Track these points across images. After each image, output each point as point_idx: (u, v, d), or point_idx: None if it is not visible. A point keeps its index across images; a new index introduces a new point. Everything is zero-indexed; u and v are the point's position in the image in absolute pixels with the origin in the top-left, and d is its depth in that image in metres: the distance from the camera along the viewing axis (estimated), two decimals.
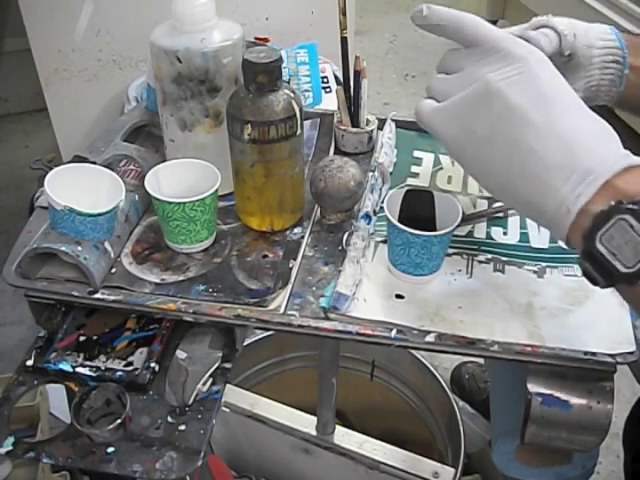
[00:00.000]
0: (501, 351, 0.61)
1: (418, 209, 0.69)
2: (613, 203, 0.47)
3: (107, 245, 0.69)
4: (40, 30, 1.55)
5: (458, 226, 0.65)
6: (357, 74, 0.83)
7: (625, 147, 0.51)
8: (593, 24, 0.68)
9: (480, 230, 0.75)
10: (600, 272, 0.49)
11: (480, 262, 0.70)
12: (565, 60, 0.67)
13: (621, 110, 0.73)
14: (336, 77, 1.43)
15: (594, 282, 0.51)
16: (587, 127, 0.51)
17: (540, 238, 0.73)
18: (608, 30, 0.68)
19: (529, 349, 0.61)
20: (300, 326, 0.64)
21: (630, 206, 0.46)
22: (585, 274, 0.51)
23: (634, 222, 0.46)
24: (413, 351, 1.28)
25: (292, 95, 0.68)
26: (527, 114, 0.51)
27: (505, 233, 0.74)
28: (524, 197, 0.52)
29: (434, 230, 0.66)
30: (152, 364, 0.66)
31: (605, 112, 0.59)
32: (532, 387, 0.62)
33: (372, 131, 0.86)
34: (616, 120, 0.76)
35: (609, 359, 0.60)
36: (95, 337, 0.70)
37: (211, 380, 0.66)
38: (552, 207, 0.50)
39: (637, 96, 0.68)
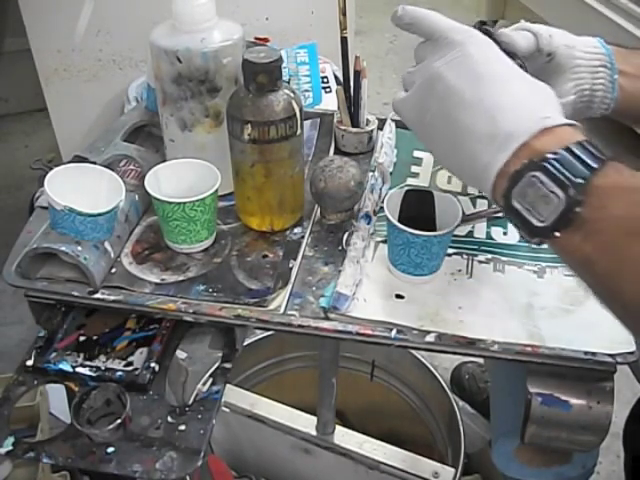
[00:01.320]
0: (501, 351, 0.61)
1: (418, 209, 0.69)
2: (526, 162, 0.49)
3: (107, 245, 0.69)
4: (40, 30, 1.55)
5: (458, 226, 0.65)
6: (357, 74, 0.83)
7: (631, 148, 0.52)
8: (580, 38, 0.69)
9: (480, 230, 0.75)
10: (522, 228, 0.51)
11: (480, 262, 0.70)
12: (547, 60, 0.68)
13: (623, 121, 0.74)
14: (336, 77, 1.43)
15: (525, 239, 0.53)
16: (515, 96, 0.54)
17: None
18: (594, 41, 0.69)
19: (529, 349, 0.61)
20: (300, 326, 0.64)
21: (541, 163, 0.48)
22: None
23: (544, 178, 0.48)
24: (413, 351, 1.28)
25: (292, 95, 0.68)
26: (462, 94, 0.54)
27: (505, 233, 0.74)
28: (461, 168, 0.56)
29: (434, 230, 0.66)
30: (152, 364, 0.66)
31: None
32: (532, 387, 0.62)
33: (372, 131, 0.86)
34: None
35: (609, 359, 0.60)
36: (95, 337, 0.70)
37: (211, 380, 0.66)
38: (478, 173, 0.53)
39: (631, 103, 0.69)
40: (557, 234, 0.48)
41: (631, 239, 0.45)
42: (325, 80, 1.41)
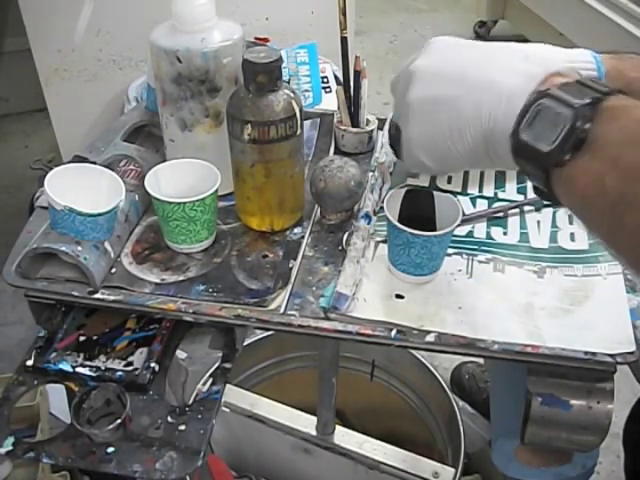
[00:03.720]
0: (501, 351, 0.61)
1: (418, 209, 0.69)
2: (532, 96, 0.49)
3: (107, 245, 0.69)
4: (40, 30, 1.55)
5: (458, 226, 0.65)
6: (357, 74, 0.83)
7: None
8: (572, 50, 0.67)
9: (480, 230, 0.75)
10: (532, 164, 0.50)
11: (480, 262, 0.70)
12: None
13: None
14: (336, 77, 1.43)
15: (541, 194, 0.53)
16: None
17: (540, 238, 0.73)
18: (588, 57, 0.67)
19: (529, 349, 0.61)
20: (300, 326, 0.64)
21: (548, 91, 0.48)
22: (534, 189, 0.54)
23: (550, 103, 0.47)
24: (413, 351, 1.28)
25: (292, 95, 0.68)
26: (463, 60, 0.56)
27: (505, 233, 0.74)
28: (466, 129, 0.55)
29: (434, 230, 0.66)
30: (152, 364, 0.66)
31: None
32: (532, 387, 0.62)
33: (372, 131, 0.86)
34: None
35: (609, 359, 0.60)
36: (95, 337, 0.70)
37: (211, 380, 0.66)
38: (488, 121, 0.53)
39: None
40: (566, 157, 0.46)
41: None
42: (325, 80, 1.40)
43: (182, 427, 0.62)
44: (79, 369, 0.66)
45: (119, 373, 0.66)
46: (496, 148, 0.53)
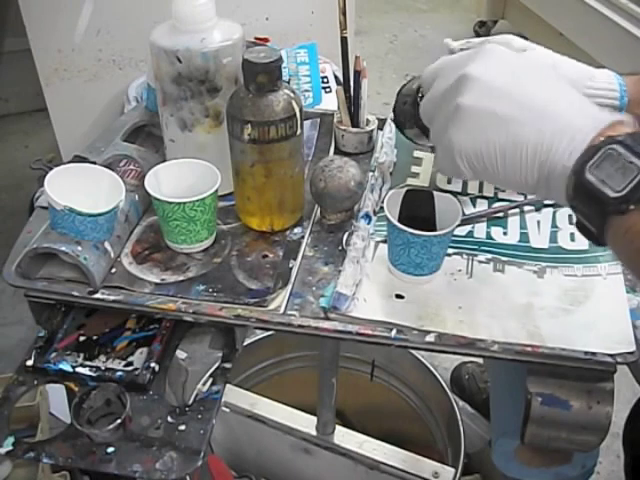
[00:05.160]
0: (501, 351, 0.61)
1: (418, 209, 0.69)
2: (602, 139, 0.49)
3: (107, 245, 0.69)
4: (40, 30, 1.55)
5: (458, 226, 0.65)
6: (357, 74, 0.83)
7: None
8: (596, 71, 0.68)
9: (480, 230, 0.75)
10: (591, 206, 0.49)
11: (480, 262, 0.70)
12: None
13: None
14: (336, 77, 1.43)
15: (587, 234, 0.52)
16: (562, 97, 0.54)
17: (540, 238, 0.73)
18: (610, 76, 0.67)
19: (529, 349, 0.61)
20: (300, 326, 0.64)
21: (619, 138, 0.48)
22: (578, 226, 0.53)
23: (622, 150, 0.47)
24: (413, 351, 1.28)
25: (292, 95, 0.68)
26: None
27: (505, 233, 0.74)
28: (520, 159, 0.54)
29: (434, 230, 0.66)
30: (152, 364, 0.66)
31: None
32: (532, 387, 0.62)
33: (372, 131, 0.86)
34: None
35: (609, 359, 0.60)
36: (95, 337, 0.70)
37: (211, 380, 0.66)
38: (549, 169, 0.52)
39: None
40: (632, 207, 0.47)
41: None
42: (325, 80, 1.40)
43: (182, 427, 0.62)
44: (79, 369, 0.66)
45: (119, 373, 0.66)
46: (550, 179, 0.52)
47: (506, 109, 0.53)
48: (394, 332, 0.63)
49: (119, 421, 0.60)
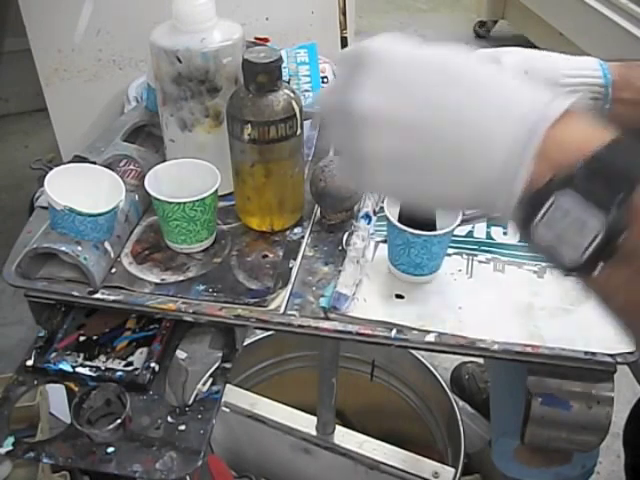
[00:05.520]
0: (501, 351, 0.61)
1: (418, 209, 0.69)
2: (548, 177, 0.37)
3: (107, 245, 0.69)
4: (40, 30, 1.55)
5: (458, 226, 0.65)
6: None
7: None
8: (578, 57, 0.64)
9: (480, 230, 0.75)
10: (552, 262, 0.39)
11: (480, 262, 0.70)
12: None
13: None
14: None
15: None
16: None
17: None
18: (594, 64, 0.63)
19: (529, 349, 0.61)
20: (300, 326, 0.64)
21: (569, 176, 0.36)
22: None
23: (569, 204, 0.36)
24: (413, 351, 1.28)
25: (292, 95, 0.68)
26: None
27: (505, 233, 0.74)
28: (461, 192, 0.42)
29: (434, 230, 0.66)
30: (152, 364, 0.66)
31: None
32: (532, 387, 0.62)
33: None
34: None
35: (609, 359, 0.60)
36: (95, 337, 0.70)
37: (211, 380, 0.66)
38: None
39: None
40: (596, 271, 0.37)
41: None
42: (325, 80, 1.40)
43: (182, 427, 0.62)
44: (79, 369, 0.66)
45: (119, 373, 0.66)
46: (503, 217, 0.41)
47: (418, 147, 0.40)
48: (394, 332, 0.63)
49: (119, 421, 0.60)
